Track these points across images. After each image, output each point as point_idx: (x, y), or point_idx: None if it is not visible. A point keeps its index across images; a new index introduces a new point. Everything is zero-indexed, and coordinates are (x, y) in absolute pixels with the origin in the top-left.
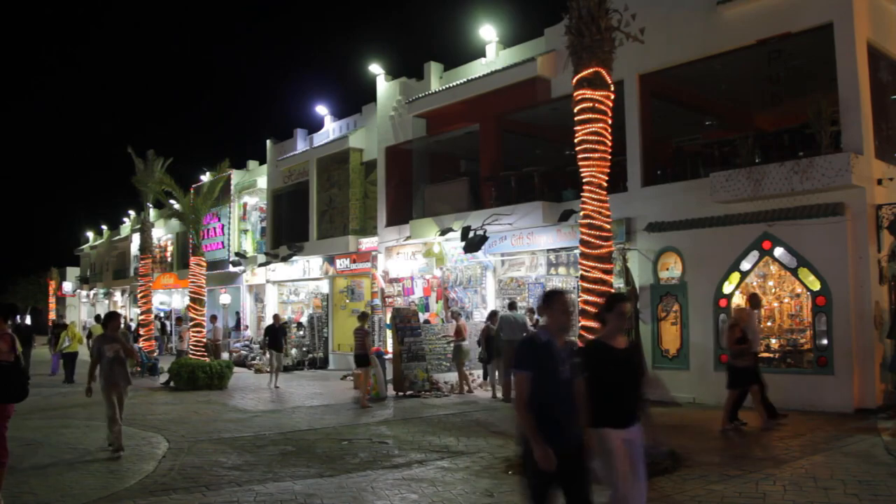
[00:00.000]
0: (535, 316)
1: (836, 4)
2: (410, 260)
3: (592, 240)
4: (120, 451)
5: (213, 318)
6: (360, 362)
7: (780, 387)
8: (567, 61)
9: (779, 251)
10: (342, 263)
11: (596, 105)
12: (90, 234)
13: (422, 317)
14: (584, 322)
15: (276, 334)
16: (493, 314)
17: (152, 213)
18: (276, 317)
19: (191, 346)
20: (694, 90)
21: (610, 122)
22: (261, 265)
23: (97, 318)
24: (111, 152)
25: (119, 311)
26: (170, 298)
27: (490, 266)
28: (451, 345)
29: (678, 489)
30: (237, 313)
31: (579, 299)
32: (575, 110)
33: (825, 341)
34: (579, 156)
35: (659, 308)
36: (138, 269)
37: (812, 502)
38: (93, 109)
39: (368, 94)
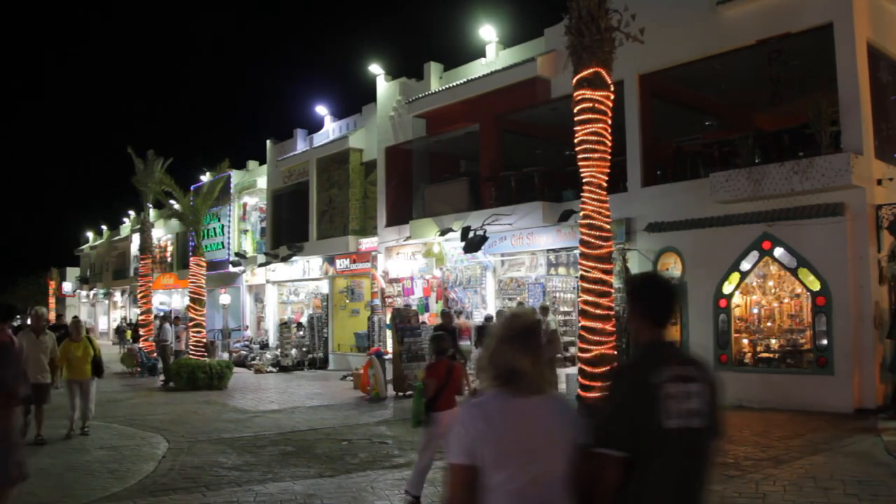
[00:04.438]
0: (537, 317)
1: (836, 4)
2: (410, 260)
3: (592, 240)
4: None
5: (166, 319)
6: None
7: (780, 387)
8: (567, 61)
9: (779, 251)
10: (342, 263)
11: (596, 105)
12: (90, 234)
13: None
14: (584, 322)
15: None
16: (494, 316)
17: (152, 213)
18: (446, 315)
19: (190, 347)
20: (694, 90)
21: (610, 122)
22: (261, 265)
23: (74, 319)
24: (111, 152)
25: (119, 310)
26: (170, 298)
27: (490, 266)
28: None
29: None
30: (161, 312)
31: (579, 299)
32: (575, 110)
33: (825, 341)
34: (579, 156)
35: None
36: (138, 269)
37: (812, 502)
38: (93, 109)
39: (368, 94)
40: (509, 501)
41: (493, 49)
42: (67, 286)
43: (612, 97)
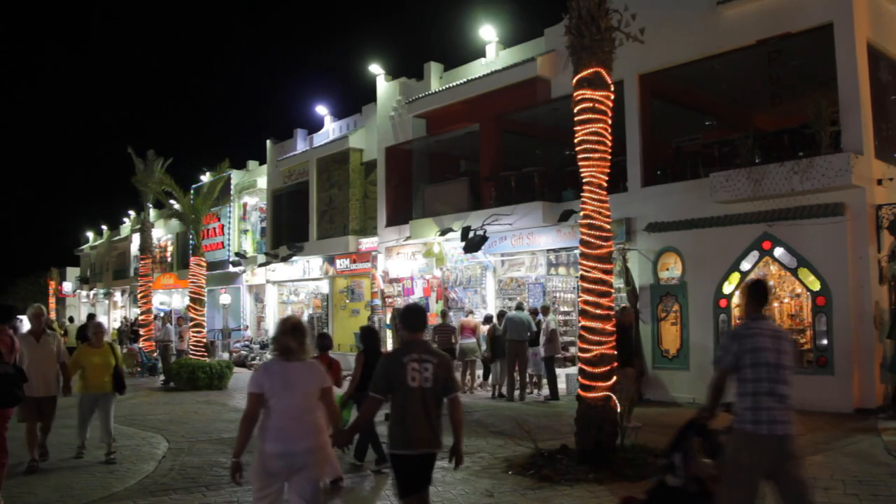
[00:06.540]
0: (539, 317)
1: (836, 4)
2: (410, 260)
3: (592, 240)
4: None
5: (167, 319)
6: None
7: None
8: (567, 61)
9: (779, 251)
10: (342, 263)
11: (596, 105)
12: (90, 234)
13: None
14: (584, 322)
15: (630, 338)
16: (494, 316)
17: (152, 213)
18: (626, 310)
19: (191, 347)
20: (694, 90)
21: (610, 122)
22: (261, 265)
23: (71, 319)
24: (111, 152)
25: (119, 310)
26: (170, 298)
27: (490, 266)
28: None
29: None
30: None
31: (579, 299)
32: (575, 110)
33: (825, 341)
34: (579, 156)
35: (659, 308)
36: (138, 269)
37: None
38: (93, 109)
39: (368, 94)
40: (277, 415)
41: (493, 49)
42: (67, 286)
43: (612, 97)
